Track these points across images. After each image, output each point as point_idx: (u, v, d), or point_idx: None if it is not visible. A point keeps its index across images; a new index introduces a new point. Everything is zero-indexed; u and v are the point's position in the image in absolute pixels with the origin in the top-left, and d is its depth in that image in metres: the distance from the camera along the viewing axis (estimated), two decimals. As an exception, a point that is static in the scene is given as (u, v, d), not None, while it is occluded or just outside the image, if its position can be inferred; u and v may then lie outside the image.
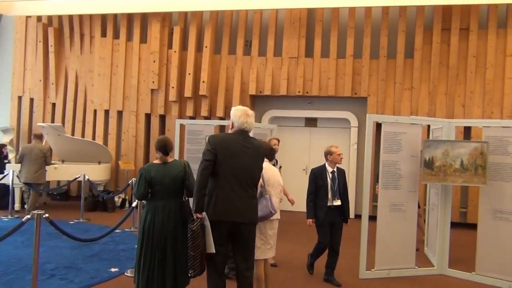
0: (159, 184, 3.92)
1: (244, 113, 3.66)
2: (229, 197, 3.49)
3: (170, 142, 4.09)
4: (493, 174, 5.30)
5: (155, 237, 3.87)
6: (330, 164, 5.13)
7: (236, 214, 3.49)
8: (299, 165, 10.18)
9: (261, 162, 3.76)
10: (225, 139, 3.64)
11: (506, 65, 8.67)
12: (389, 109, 9.17)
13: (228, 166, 3.49)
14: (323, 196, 5.04)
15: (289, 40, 9.64)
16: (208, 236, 3.46)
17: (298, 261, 6.04)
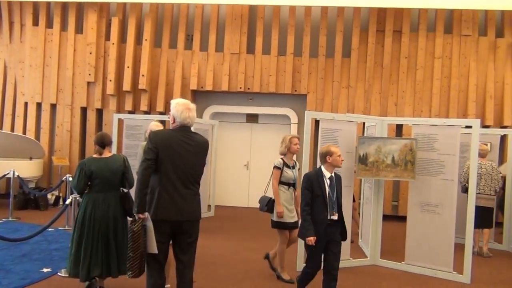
0: (99, 177, 4.16)
1: (186, 107, 3.53)
2: (171, 196, 3.42)
3: (108, 137, 4.35)
4: (421, 169, 5.63)
5: (95, 228, 4.12)
6: (328, 168, 4.16)
7: (178, 213, 3.45)
8: (240, 161, 10.25)
9: (204, 158, 3.68)
10: (167, 136, 3.53)
11: (434, 67, 9.22)
12: (328, 107, 9.45)
13: (170, 164, 3.42)
14: (321, 209, 4.03)
15: (231, 36, 9.64)
16: (150, 236, 3.38)
17: (238, 257, 6.07)
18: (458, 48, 9.22)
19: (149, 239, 3.38)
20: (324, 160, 4.18)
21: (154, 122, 6.25)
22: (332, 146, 4.25)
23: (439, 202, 5.51)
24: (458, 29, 9.22)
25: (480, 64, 9.17)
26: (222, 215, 9.03)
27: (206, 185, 8.98)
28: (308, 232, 4.00)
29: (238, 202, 10.23)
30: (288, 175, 5.13)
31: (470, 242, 5.42)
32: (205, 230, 7.49)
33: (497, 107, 9.07)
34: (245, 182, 10.28)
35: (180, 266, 3.60)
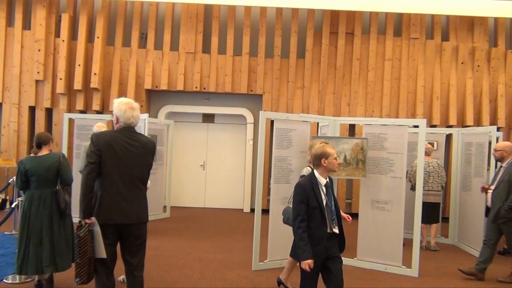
0: (35, 175, 4.33)
1: (129, 107, 3.46)
2: (115, 199, 3.35)
3: (45, 136, 4.54)
4: (371, 168, 5.81)
5: (31, 223, 4.30)
6: (322, 173, 3.52)
7: (123, 216, 3.37)
8: (196, 161, 10.18)
9: (150, 159, 3.59)
10: (110, 138, 3.41)
11: (385, 68, 9.54)
12: (283, 107, 9.57)
13: (113, 166, 3.34)
14: (319, 223, 3.43)
15: (186, 35, 9.56)
16: (98, 241, 3.31)
17: (194, 258, 6.03)
18: (407, 50, 9.58)
19: (97, 244, 3.31)
20: (319, 164, 3.50)
21: (98, 123, 6.19)
22: (328, 146, 3.57)
23: (389, 199, 5.72)
24: (407, 32, 9.58)
25: (427, 66, 9.57)
26: (178, 216, 8.95)
27: (162, 186, 8.88)
28: (304, 253, 3.32)
29: (195, 203, 10.16)
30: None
31: (418, 237, 5.65)
32: (160, 232, 7.43)
33: (443, 107, 9.50)
34: (202, 182, 10.23)
35: (130, 268, 3.53)
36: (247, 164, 9.81)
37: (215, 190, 10.17)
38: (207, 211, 9.78)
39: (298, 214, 3.40)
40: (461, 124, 9.40)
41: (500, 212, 5.19)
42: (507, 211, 5.15)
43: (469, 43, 9.63)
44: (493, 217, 5.31)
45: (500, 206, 5.20)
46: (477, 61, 9.58)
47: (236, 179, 10.03)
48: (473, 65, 9.59)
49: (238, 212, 9.70)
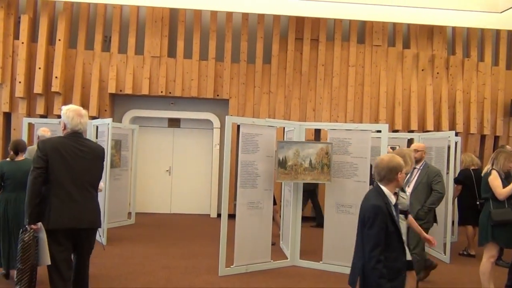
0: (11, 178, 4.70)
1: (77, 114, 3.53)
2: (65, 204, 3.35)
3: (22, 144, 5.04)
4: (336, 172, 5.91)
5: (7, 224, 4.70)
6: (392, 190, 3.01)
7: (73, 220, 3.37)
8: (162, 166, 10.05)
9: (99, 163, 3.65)
10: (57, 144, 3.44)
11: (349, 75, 9.73)
12: (249, 112, 9.59)
13: (62, 171, 3.36)
14: (397, 251, 2.92)
15: (151, 39, 9.44)
16: (43, 248, 3.24)
17: (159, 265, 5.94)
18: (370, 57, 9.81)
19: (42, 251, 3.24)
20: (393, 178, 2.96)
21: (42, 127, 6.10)
22: (400, 158, 3.06)
23: (353, 203, 5.80)
24: (370, 39, 9.82)
25: (389, 73, 9.83)
26: (143, 222, 8.78)
27: (126, 192, 8.70)
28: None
29: (161, 209, 10.02)
30: (401, 201, 3.60)
31: (381, 239, 5.76)
32: (125, 239, 7.28)
33: (405, 113, 9.78)
34: (168, 188, 10.10)
35: (78, 270, 3.58)
36: (213, 169, 9.76)
37: (181, 195, 10.06)
38: (173, 217, 9.66)
39: (378, 244, 2.78)
40: (422, 129, 9.70)
41: (418, 214, 5.03)
42: (426, 213, 5.10)
43: (429, 51, 9.97)
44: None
45: (419, 209, 5.09)
46: (436, 68, 9.92)
47: (203, 184, 9.95)
48: (432, 72, 9.93)
49: (204, 218, 9.62)
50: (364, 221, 2.87)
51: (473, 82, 9.99)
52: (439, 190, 5.14)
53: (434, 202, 5.15)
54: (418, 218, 4.90)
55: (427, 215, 5.13)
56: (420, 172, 5.33)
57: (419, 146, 5.65)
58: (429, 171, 5.30)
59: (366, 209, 2.88)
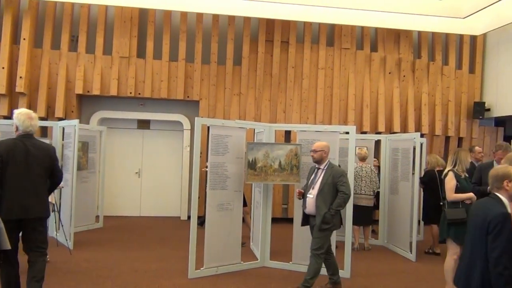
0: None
1: (27, 117, 3.99)
2: (16, 197, 3.85)
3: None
4: (305, 173, 5.92)
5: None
6: (507, 197, 3.04)
7: (22, 211, 3.86)
8: (131, 169, 9.90)
9: (50, 161, 4.09)
10: (11, 145, 3.92)
11: (318, 77, 9.85)
12: (220, 113, 9.57)
13: (14, 168, 3.85)
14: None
15: (120, 39, 9.30)
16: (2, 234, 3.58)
17: (127, 269, 5.85)
18: (339, 60, 9.97)
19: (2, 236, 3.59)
20: (500, 187, 3.05)
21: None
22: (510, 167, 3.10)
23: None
24: (339, 42, 9.98)
25: (357, 75, 10.01)
26: (111, 225, 8.63)
27: (94, 195, 8.53)
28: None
29: (130, 212, 9.86)
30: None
31: (349, 239, 5.86)
32: (93, 243, 7.14)
33: (373, 115, 9.97)
34: (137, 190, 9.95)
35: (30, 258, 3.99)
36: (184, 171, 9.69)
37: (151, 198, 9.93)
38: (142, 219, 9.53)
39: (506, 251, 2.80)
40: (389, 130, 9.91)
41: (325, 217, 4.83)
42: (333, 216, 4.85)
43: (396, 54, 10.20)
44: (319, 224, 4.87)
45: (325, 211, 4.84)
46: (403, 72, 10.17)
47: (173, 187, 9.85)
48: (399, 75, 10.17)
49: (175, 220, 9.53)
50: (488, 228, 2.88)
51: (438, 85, 10.28)
52: (344, 191, 4.85)
53: (341, 204, 4.86)
54: (325, 222, 4.80)
55: (334, 218, 4.88)
56: (325, 173, 5.02)
57: (318, 145, 5.16)
58: (333, 171, 4.99)
59: (493, 216, 2.88)
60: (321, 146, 5.11)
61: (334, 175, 4.93)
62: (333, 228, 4.96)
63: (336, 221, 4.95)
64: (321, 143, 5.19)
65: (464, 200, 4.85)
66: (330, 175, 4.95)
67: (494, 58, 10.35)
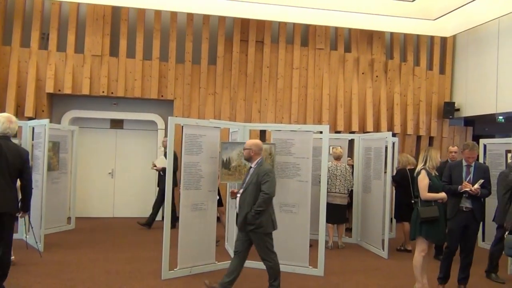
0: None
1: (7, 120, 4.37)
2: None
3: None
4: (279, 172, 5.99)
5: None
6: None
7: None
8: (104, 169, 9.75)
9: (19, 163, 4.39)
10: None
11: (293, 77, 9.92)
12: (195, 113, 9.52)
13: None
14: None
15: (92, 37, 9.14)
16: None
17: (100, 270, 5.76)
18: (313, 60, 10.05)
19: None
20: None
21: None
22: None
23: (296, 202, 5.94)
24: (313, 43, 10.06)
25: (331, 76, 10.12)
26: (83, 227, 8.47)
27: (65, 196, 8.36)
28: None
29: (103, 213, 9.71)
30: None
31: (323, 238, 5.92)
32: (64, 245, 7.01)
33: (346, 115, 10.10)
34: (110, 191, 9.80)
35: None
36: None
37: (125, 198, 9.80)
38: (116, 220, 9.39)
39: None
40: (362, 130, 10.06)
41: (247, 218, 4.63)
42: (254, 217, 4.61)
43: (369, 55, 10.36)
44: (240, 224, 4.75)
45: (247, 212, 4.64)
46: (375, 72, 10.33)
47: (147, 187, 9.73)
48: (372, 75, 10.33)
49: (149, 221, 9.42)
50: None
51: (409, 85, 10.49)
52: (265, 190, 4.58)
53: (261, 204, 4.57)
54: (248, 223, 4.63)
55: (257, 219, 4.62)
56: (252, 172, 4.82)
57: (247, 143, 5.01)
58: (259, 170, 4.74)
59: None
60: (249, 144, 4.92)
61: (259, 174, 4.70)
62: (261, 229, 4.66)
63: (264, 222, 4.65)
64: (250, 141, 5.04)
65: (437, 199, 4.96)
66: (256, 174, 4.74)
67: (463, 59, 10.63)
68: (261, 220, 4.63)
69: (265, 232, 4.72)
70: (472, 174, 5.25)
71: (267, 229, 4.72)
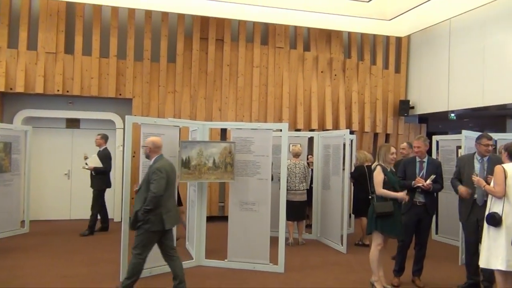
0: None
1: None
2: None
3: None
4: (240, 170, 6.01)
5: None
6: None
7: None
8: (60, 170, 9.44)
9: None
10: None
11: (253, 75, 9.95)
12: (154, 111, 9.38)
13: None
14: None
15: (46, 33, 8.83)
16: None
17: (54, 275, 5.59)
18: (273, 58, 10.12)
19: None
20: None
21: None
22: None
23: (256, 200, 5.97)
24: (273, 41, 10.13)
25: (291, 74, 10.23)
26: (38, 230, 8.18)
27: (18, 199, 8.04)
28: None
29: (59, 215, 9.41)
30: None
31: (283, 235, 5.99)
32: (16, 249, 6.77)
33: (306, 113, 10.24)
34: (67, 192, 9.51)
35: None
36: (116, 172, 9.36)
37: (82, 200, 9.46)
38: (73, 223, 9.12)
39: None
40: (322, 128, 10.23)
41: (137, 215, 4.54)
42: (143, 215, 4.51)
43: (327, 54, 10.54)
44: (130, 223, 4.67)
45: (137, 210, 4.57)
46: (334, 71, 10.52)
47: (105, 187, 9.50)
48: (331, 74, 10.52)
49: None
50: None
51: (366, 84, 10.76)
52: (152, 190, 4.48)
53: (148, 203, 4.48)
54: (138, 220, 4.54)
55: (146, 217, 4.51)
56: (148, 169, 4.80)
57: (146, 141, 4.94)
58: (151, 168, 4.71)
59: None
60: (147, 142, 4.88)
61: (149, 172, 4.65)
62: (147, 226, 4.53)
63: (152, 219, 4.52)
64: (148, 139, 4.93)
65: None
66: (148, 172, 4.71)
67: (417, 58, 11.00)
68: (149, 217, 4.52)
69: (151, 230, 4.56)
70: (425, 169, 5.45)
71: (153, 227, 4.55)
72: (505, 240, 4.32)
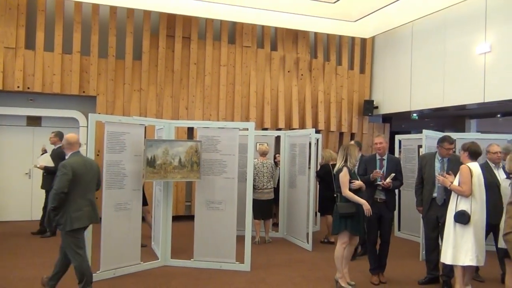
0: None
1: None
2: None
3: None
4: (206, 169, 6.00)
5: None
6: None
7: None
8: (21, 169, 9.15)
9: None
10: None
11: (221, 74, 9.93)
12: (119, 109, 9.21)
13: None
14: None
15: (5, 28, 8.51)
16: None
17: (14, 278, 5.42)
18: (240, 57, 10.13)
19: None
20: None
21: None
22: None
23: (222, 199, 5.98)
24: (240, 40, 10.14)
25: (259, 73, 10.27)
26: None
27: (-25, 199, 7.74)
28: None
29: (19, 216, 9.11)
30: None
31: (249, 233, 6.02)
32: (-28, 252, 6.48)
33: (273, 112, 10.31)
34: (27, 192, 9.21)
35: None
36: (80, 170, 9.16)
37: (44, 200, 9.23)
38: (35, 223, 8.80)
39: None
40: (289, 127, 10.32)
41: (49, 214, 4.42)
42: (52, 213, 4.38)
43: (294, 53, 10.64)
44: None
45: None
46: (301, 70, 10.64)
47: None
48: (297, 74, 10.63)
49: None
50: None
51: (332, 84, 10.93)
52: (54, 186, 4.37)
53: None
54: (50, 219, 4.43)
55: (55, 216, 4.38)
56: None
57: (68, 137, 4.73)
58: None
59: None
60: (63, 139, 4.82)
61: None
62: (60, 227, 4.42)
63: (61, 220, 4.39)
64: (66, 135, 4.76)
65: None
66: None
67: (381, 60, 11.26)
68: (58, 218, 4.40)
69: (65, 230, 4.42)
70: (385, 167, 5.60)
71: (66, 227, 4.39)
72: (473, 236, 4.50)
